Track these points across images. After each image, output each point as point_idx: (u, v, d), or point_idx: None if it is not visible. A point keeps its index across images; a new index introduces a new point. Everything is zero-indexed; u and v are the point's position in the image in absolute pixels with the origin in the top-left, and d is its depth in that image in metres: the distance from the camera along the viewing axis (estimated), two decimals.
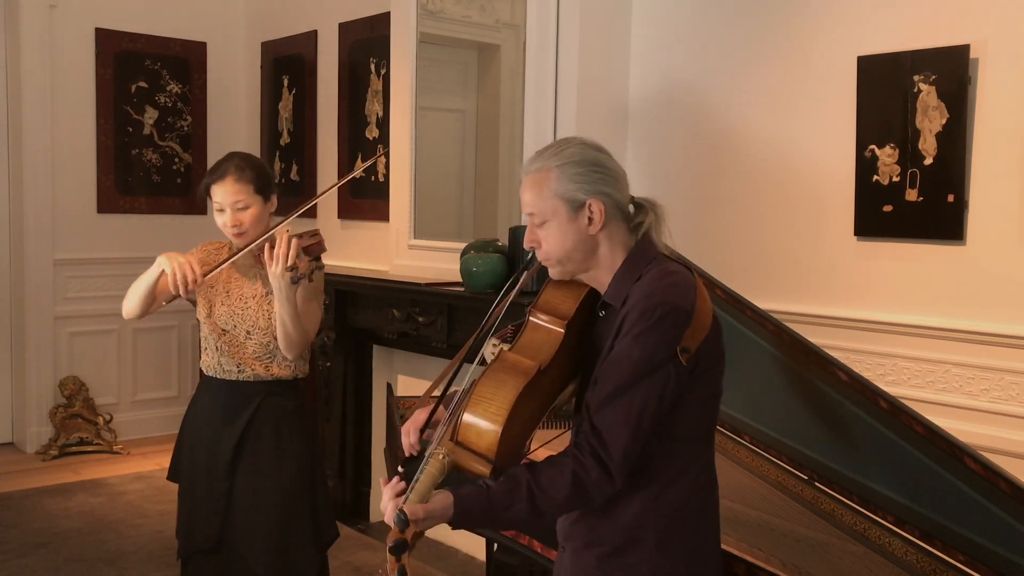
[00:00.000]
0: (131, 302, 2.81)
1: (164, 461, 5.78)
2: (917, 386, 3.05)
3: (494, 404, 1.66)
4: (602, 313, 1.83)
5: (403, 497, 1.66)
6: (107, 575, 4.08)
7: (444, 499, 1.65)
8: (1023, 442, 2.82)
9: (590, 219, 1.77)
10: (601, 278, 1.82)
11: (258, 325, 2.77)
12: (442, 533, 4.42)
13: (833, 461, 2.22)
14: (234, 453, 2.77)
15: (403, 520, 1.61)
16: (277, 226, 2.80)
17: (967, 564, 1.95)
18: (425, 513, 1.63)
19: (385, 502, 1.72)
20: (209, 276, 2.71)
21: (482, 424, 1.66)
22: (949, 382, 2.99)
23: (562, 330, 1.77)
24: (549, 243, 1.80)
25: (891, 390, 2.76)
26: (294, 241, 2.59)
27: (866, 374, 2.89)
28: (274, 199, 2.82)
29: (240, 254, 2.72)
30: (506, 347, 1.78)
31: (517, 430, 1.70)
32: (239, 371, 2.79)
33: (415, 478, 1.68)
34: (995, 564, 1.89)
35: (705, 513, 1.83)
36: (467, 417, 1.68)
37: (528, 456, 1.84)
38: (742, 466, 2.51)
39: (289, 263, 2.57)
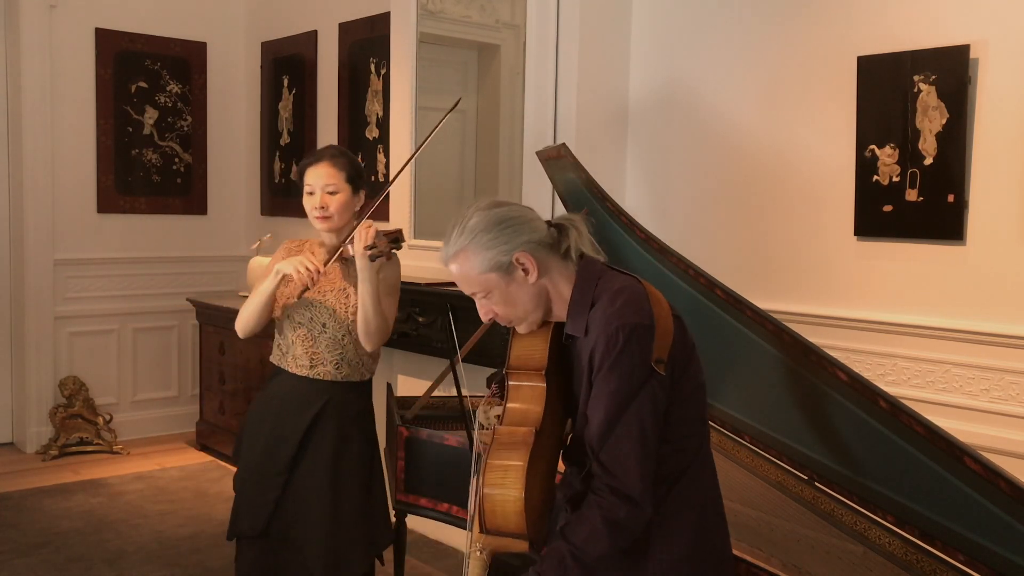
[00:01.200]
0: (247, 319, 2.87)
1: (164, 461, 5.81)
2: (917, 386, 3.05)
3: (508, 485, 1.69)
4: (568, 343, 1.86)
5: None
6: (107, 575, 4.08)
7: None
8: (1023, 442, 2.82)
9: (525, 271, 1.79)
10: (560, 312, 1.85)
11: (335, 317, 2.83)
12: (442, 532, 4.42)
13: (833, 461, 2.22)
14: (296, 449, 2.81)
15: None
16: (363, 218, 2.89)
17: (967, 564, 1.95)
18: None
19: None
20: (328, 265, 2.80)
21: (504, 507, 1.70)
22: (949, 382, 2.99)
23: (543, 384, 1.80)
24: (503, 309, 1.83)
25: (891, 390, 2.76)
26: (373, 226, 2.71)
27: (866, 374, 2.89)
28: (362, 195, 2.91)
29: (344, 246, 2.81)
30: (497, 413, 1.80)
31: (537, 493, 1.73)
32: (311, 366, 2.83)
33: None
34: (995, 564, 1.89)
35: (708, 505, 1.84)
36: (488, 505, 1.71)
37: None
38: (742, 466, 2.51)
39: (368, 242, 2.67)
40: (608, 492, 1.69)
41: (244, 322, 2.88)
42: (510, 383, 1.83)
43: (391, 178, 2.96)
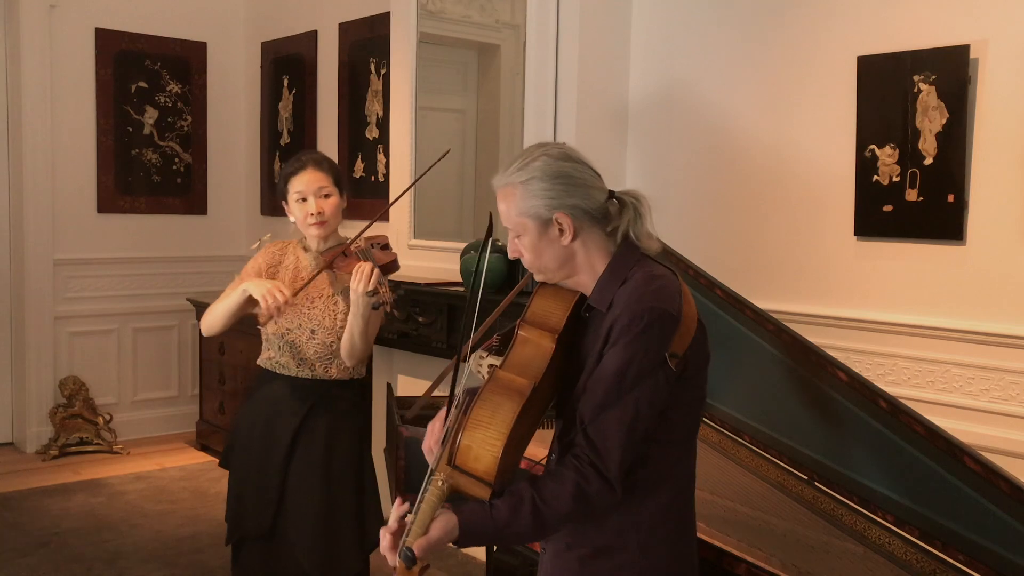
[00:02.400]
0: (212, 322, 2.85)
1: (164, 461, 5.81)
2: (917, 386, 3.05)
3: (492, 428, 1.66)
4: (587, 315, 1.83)
5: (406, 531, 1.64)
6: (107, 575, 4.08)
7: (446, 522, 1.64)
8: (1023, 442, 2.82)
9: (561, 231, 1.77)
10: (584, 282, 1.82)
11: (323, 325, 2.81)
12: None
13: (833, 461, 2.23)
14: (288, 449, 2.81)
15: (410, 558, 1.59)
16: (357, 236, 2.84)
17: (967, 564, 1.95)
18: (429, 545, 1.62)
19: (385, 547, 1.69)
20: (298, 295, 2.75)
21: (480, 448, 1.66)
22: (949, 382, 2.99)
23: (553, 344, 1.77)
24: (528, 255, 1.82)
25: (891, 390, 2.76)
26: (376, 270, 2.63)
27: (866, 374, 2.89)
28: (345, 197, 2.90)
29: (323, 269, 2.75)
30: (496, 361, 1.77)
31: (514, 449, 1.70)
32: (298, 368, 2.83)
33: (415, 507, 1.67)
34: (995, 564, 1.89)
35: (685, 515, 1.83)
36: (465, 441, 1.67)
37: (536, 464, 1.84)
38: (742, 466, 2.51)
39: (371, 287, 2.61)
40: (587, 463, 1.68)
41: (208, 325, 2.86)
42: (520, 333, 1.80)
43: (380, 214, 2.99)
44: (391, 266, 2.71)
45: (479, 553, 4.09)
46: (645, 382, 1.68)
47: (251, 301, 2.76)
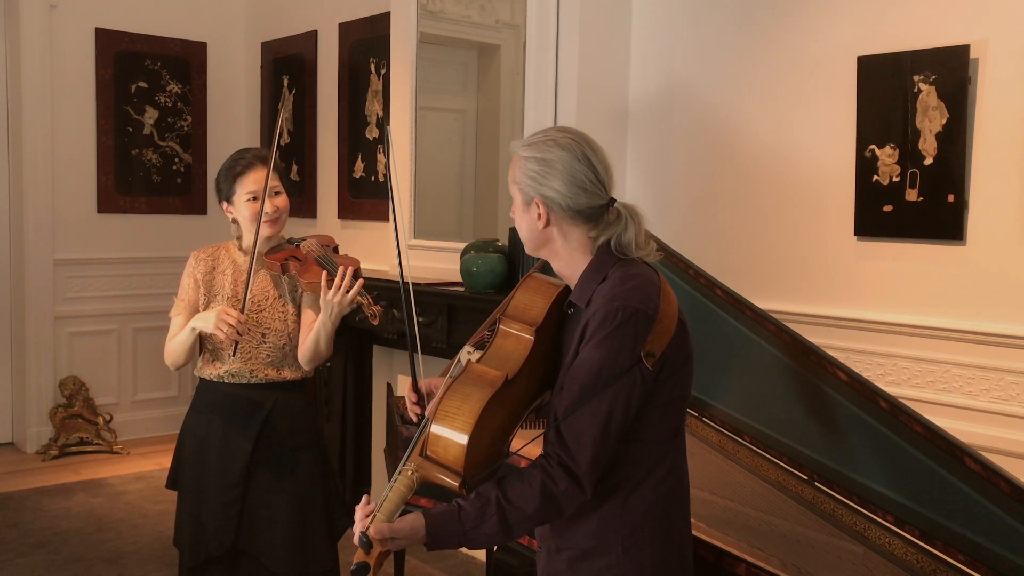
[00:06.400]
0: (175, 360, 2.80)
1: (164, 461, 5.80)
2: (917, 386, 3.05)
3: (459, 417, 1.66)
4: (570, 311, 1.84)
5: (370, 516, 1.65)
6: (107, 575, 4.08)
7: (414, 520, 1.65)
8: (1023, 442, 2.82)
9: (538, 216, 1.80)
10: (563, 271, 1.84)
11: (273, 328, 2.76)
12: None
13: (833, 461, 2.23)
14: (250, 457, 2.74)
15: (365, 542, 1.60)
16: (302, 240, 2.83)
17: (967, 564, 1.95)
18: (391, 532, 1.62)
19: (356, 523, 1.70)
20: (247, 308, 2.70)
21: (448, 437, 1.66)
22: (949, 382, 2.99)
23: (531, 337, 1.77)
24: (515, 220, 1.87)
25: (891, 390, 2.76)
26: (358, 282, 2.59)
27: (866, 374, 2.90)
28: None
29: (273, 272, 2.73)
30: (476, 356, 1.78)
31: (486, 440, 1.69)
32: (251, 375, 2.76)
33: (383, 495, 1.68)
34: (995, 564, 1.89)
35: (672, 516, 1.81)
36: (434, 431, 1.68)
37: (512, 455, 1.83)
38: (742, 466, 2.51)
39: (354, 302, 2.58)
40: (556, 462, 1.67)
41: (172, 362, 2.80)
42: (500, 327, 1.81)
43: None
44: (357, 273, 2.63)
45: (479, 553, 4.09)
46: (619, 381, 1.67)
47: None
